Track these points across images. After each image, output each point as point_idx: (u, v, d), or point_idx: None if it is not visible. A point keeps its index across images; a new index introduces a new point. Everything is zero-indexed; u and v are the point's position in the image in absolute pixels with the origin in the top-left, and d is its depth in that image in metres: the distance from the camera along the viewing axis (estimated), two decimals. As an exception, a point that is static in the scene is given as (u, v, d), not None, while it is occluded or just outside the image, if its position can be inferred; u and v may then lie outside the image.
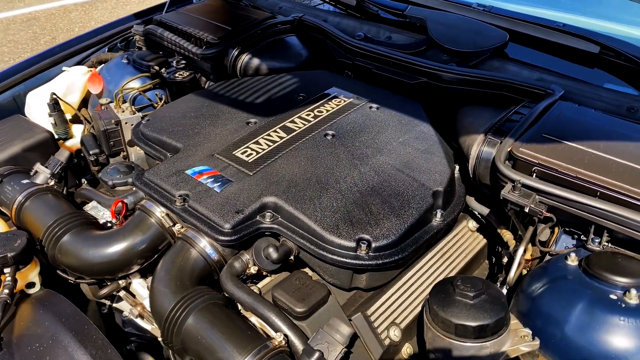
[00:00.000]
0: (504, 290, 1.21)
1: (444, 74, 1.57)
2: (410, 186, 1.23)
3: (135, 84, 1.83)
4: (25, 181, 1.40)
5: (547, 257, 1.22)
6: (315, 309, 1.09)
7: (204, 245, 1.17)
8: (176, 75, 1.85)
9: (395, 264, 1.12)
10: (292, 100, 1.57)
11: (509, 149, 1.23)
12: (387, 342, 1.15)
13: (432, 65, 1.59)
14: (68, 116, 1.82)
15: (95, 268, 1.23)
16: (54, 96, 1.74)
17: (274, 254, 1.14)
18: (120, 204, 1.31)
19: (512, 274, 1.16)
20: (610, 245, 1.15)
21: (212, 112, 1.51)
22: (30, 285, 1.18)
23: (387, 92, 1.61)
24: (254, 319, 1.10)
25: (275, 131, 1.41)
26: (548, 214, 1.15)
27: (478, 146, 1.30)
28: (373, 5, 1.88)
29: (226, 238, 1.12)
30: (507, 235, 1.31)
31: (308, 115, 1.48)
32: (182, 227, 1.23)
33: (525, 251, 1.25)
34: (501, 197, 1.18)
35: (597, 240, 1.15)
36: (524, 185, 1.17)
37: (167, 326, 1.06)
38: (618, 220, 1.09)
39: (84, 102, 1.94)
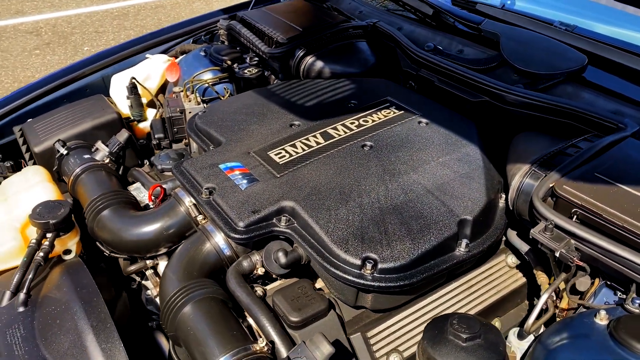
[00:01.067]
0: (530, 338, 1.11)
1: (507, 94, 1.46)
2: (435, 210, 1.16)
3: (206, 76, 1.92)
4: (86, 156, 1.53)
5: (581, 310, 1.09)
6: (311, 321, 1.07)
7: (219, 239, 1.20)
8: (245, 71, 1.91)
9: (400, 289, 1.07)
10: (342, 106, 1.55)
11: (551, 185, 1.11)
12: (383, 367, 1.11)
13: (495, 85, 1.49)
14: (145, 100, 1.96)
15: (126, 245, 1.31)
16: (133, 80, 1.88)
17: (282, 259, 1.14)
18: (158, 188, 1.38)
19: (531, 320, 1.05)
20: (653, 308, 1.00)
21: (261, 110, 1.54)
22: (67, 252, 1.28)
23: (442, 108, 1.53)
24: (252, 320, 1.11)
25: (314, 136, 1.40)
26: (581, 263, 1.03)
27: (520, 177, 1.19)
28: (449, 16, 1.79)
29: (237, 236, 1.13)
30: (541, 278, 1.19)
31: (352, 123, 1.45)
32: (204, 218, 1.27)
33: (560, 299, 1.14)
34: (530, 236, 1.07)
35: (637, 301, 1.00)
36: (558, 227, 1.05)
37: (165, 311, 1.10)
38: (664, 283, 0.94)
39: (162, 89, 2.07)
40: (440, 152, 1.34)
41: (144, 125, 1.93)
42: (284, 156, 1.33)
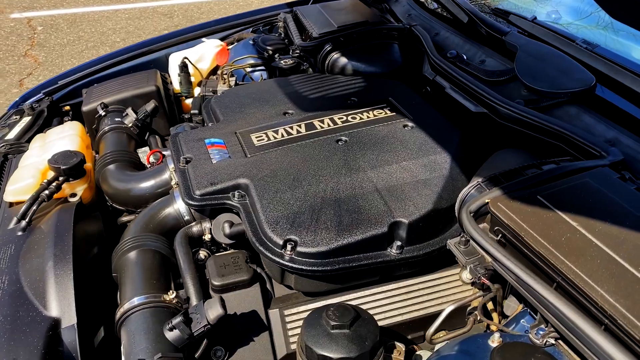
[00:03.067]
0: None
1: (501, 108, 1.41)
2: (374, 208, 1.19)
3: (247, 63, 2.07)
4: (117, 119, 1.76)
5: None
6: (231, 288, 1.17)
7: (180, 204, 1.34)
8: (281, 62, 2.03)
9: (313, 274, 1.12)
10: (341, 102, 1.60)
11: (487, 200, 1.08)
12: (293, 347, 1.16)
13: (493, 97, 1.44)
14: (194, 79, 2.17)
15: (119, 197, 1.51)
16: (185, 60, 2.10)
17: (227, 229, 1.25)
18: (157, 153, 1.56)
19: (431, 330, 1.04)
20: (556, 341, 0.94)
21: (266, 97, 1.65)
22: (73, 195, 1.51)
23: (436, 115, 1.52)
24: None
25: (299, 125, 1.48)
26: (487, 282, 0.99)
27: (468, 189, 1.17)
28: (482, 25, 1.74)
29: (191, 202, 1.26)
30: (468, 292, 1.16)
31: (340, 118, 1.50)
32: (177, 184, 1.42)
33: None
34: (447, 246, 1.06)
35: (541, 332, 0.95)
36: (475, 241, 1.02)
37: (114, 255, 1.26)
38: (565, 323, 0.88)
39: (214, 71, 2.27)
40: (409, 155, 1.34)
41: (190, 101, 2.14)
42: (262, 139, 1.43)
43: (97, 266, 1.34)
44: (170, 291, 1.12)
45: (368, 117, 1.50)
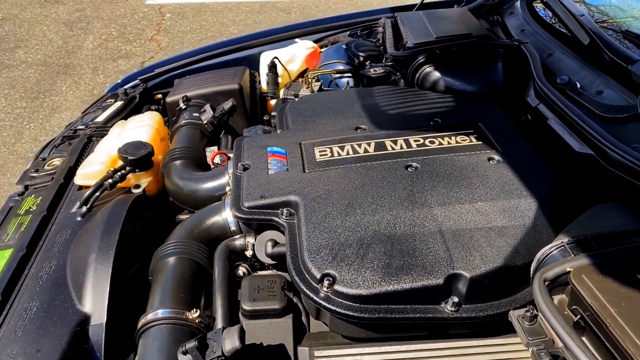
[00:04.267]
0: None
1: (612, 153, 1.16)
2: (432, 254, 1.02)
3: (336, 68, 1.97)
4: (195, 114, 1.74)
5: None
6: (262, 316, 1.07)
7: (229, 213, 1.26)
8: (370, 70, 1.90)
9: (347, 319, 0.98)
10: (421, 122, 1.44)
11: (569, 269, 0.87)
12: (317, 393, 1.04)
13: (604, 138, 1.19)
14: (281, 80, 2.11)
15: (178, 195, 1.48)
16: (274, 60, 2.05)
17: (268, 248, 1.16)
18: (222, 155, 1.51)
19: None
20: None
21: (341, 108, 1.53)
22: (137, 186, 1.51)
23: (532, 152, 1.29)
24: (220, 294, 1.16)
25: (368, 143, 1.34)
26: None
27: (549, 248, 0.96)
28: (605, 50, 1.47)
29: (238, 213, 1.18)
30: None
31: (416, 141, 1.34)
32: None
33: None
34: (508, 318, 0.87)
35: None
36: (546, 319, 0.82)
37: (154, 256, 1.22)
38: None
39: (302, 74, 2.19)
40: (487, 195, 1.15)
41: (274, 102, 2.08)
42: (325, 154, 1.31)
43: (141, 264, 1.31)
44: (194, 309, 1.05)
45: (449, 142, 1.33)
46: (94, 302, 1.13)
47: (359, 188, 1.19)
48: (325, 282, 0.99)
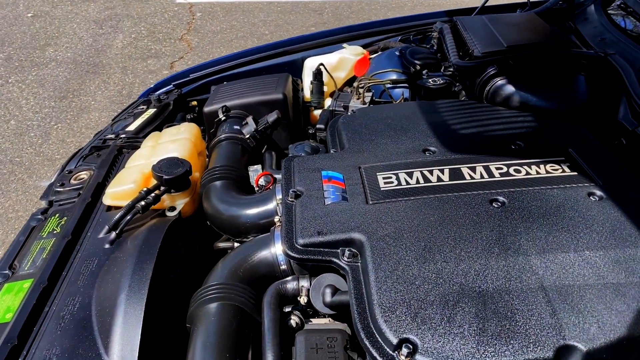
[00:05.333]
0: None
1: None
2: (535, 317, 0.82)
3: (389, 77, 1.78)
4: (236, 127, 1.57)
5: None
6: (320, 382, 0.89)
7: (279, 248, 1.09)
8: (429, 80, 1.70)
9: (433, 399, 0.79)
10: (501, 145, 1.24)
11: None
12: None
13: None
14: (327, 89, 1.93)
15: (217, 220, 1.31)
16: (320, 67, 1.87)
17: (327, 297, 0.98)
18: (268, 176, 1.33)
19: None
20: None
21: (404, 125, 1.34)
22: (172, 209, 1.34)
23: (638, 186, 1.09)
24: (270, 348, 0.98)
25: (441, 170, 1.15)
26: None
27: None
28: None
29: (290, 252, 1.00)
30: None
31: (499, 169, 1.14)
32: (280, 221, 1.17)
33: None
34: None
35: None
36: None
37: (192, 301, 1.05)
38: None
39: (350, 82, 2.01)
40: (595, 242, 0.94)
41: (319, 113, 1.90)
42: (391, 182, 1.12)
43: (180, 297, 1.14)
44: (243, 376, 0.88)
45: (538, 172, 1.13)
46: (123, 353, 0.97)
47: (435, 227, 1.00)
48: (404, 350, 0.80)
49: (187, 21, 5.89)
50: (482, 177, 1.12)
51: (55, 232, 1.31)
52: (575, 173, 1.12)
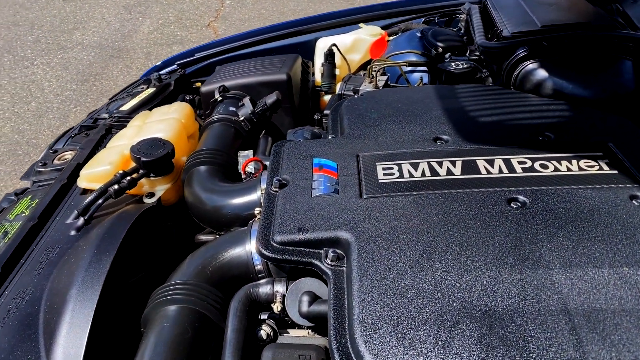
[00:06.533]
0: None
1: None
2: (554, 349, 0.65)
3: (408, 59, 1.60)
4: (232, 108, 1.43)
5: None
6: (286, 409, 0.73)
7: (254, 245, 0.93)
8: (451, 64, 1.52)
9: None
10: (527, 136, 1.05)
11: None
12: None
13: None
14: (339, 72, 1.76)
15: (197, 210, 1.16)
16: (332, 47, 1.70)
17: (304, 306, 0.82)
18: (257, 163, 1.18)
19: None
20: None
21: (416, 110, 1.17)
22: (150, 195, 1.20)
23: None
24: None
25: (452, 162, 0.97)
26: None
27: None
28: None
29: (264, 251, 0.85)
30: None
31: (522, 163, 0.96)
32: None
33: None
34: None
35: None
36: None
37: (149, 301, 0.90)
38: None
39: (365, 65, 1.84)
40: (638, 257, 0.76)
41: (328, 98, 1.74)
42: (392, 174, 0.96)
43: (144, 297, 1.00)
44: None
45: (569, 168, 0.94)
46: (66, 359, 0.83)
47: (439, 229, 0.82)
48: (384, 380, 0.64)
49: (216, 8, 5.79)
50: (500, 171, 0.94)
51: (23, 214, 1.19)
52: (616, 171, 0.93)
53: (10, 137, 3.53)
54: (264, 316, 0.90)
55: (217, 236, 1.17)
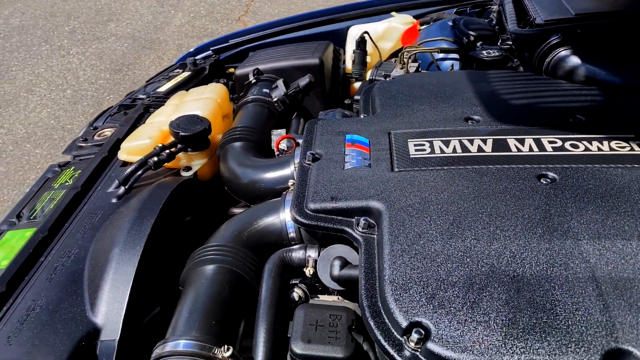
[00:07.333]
0: None
1: None
2: (581, 313, 0.67)
3: (440, 46, 1.62)
4: (265, 90, 1.47)
5: None
6: (316, 363, 0.77)
7: (288, 214, 0.97)
8: (483, 51, 1.53)
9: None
10: (558, 118, 1.06)
11: None
12: None
13: None
14: (370, 59, 1.79)
15: (232, 183, 1.21)
16: (364, 35, 1.73)
17: (335, 269, 0.85)
18: (290, 140, 1.22)
19: None
20: None
21: (447, 92, 1.19)
22: (187, 169, 1.25)
23: None
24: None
25: (483, 140, 0.99)
26: None
27: None
28: None
29: (299, 218, 0.88)
30: None
31: (552, 142, 0.97)
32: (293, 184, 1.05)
33: None
34: None
35: None
36: None
37: (188, 261, 0.95)
38: None
39: (395, 54, 1.86)
40: (667, 231, 0.77)
41: (359, 85, 1.77)
42: (423, 150, 0.98)
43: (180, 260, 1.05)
44: (226, 347, 0.76)
45: (600, 149, 0.95)
46: (109, 312, 0.88)
47: (469, 200, 0.85)
48: (414, 336, 0.67)
49: (246, 3, 5.86)
50: (531, 150, 0.96)
51: (67, 184, 1.25)
52: (649, 153, 0.93)
53: (46, 122, 3.65)
54: (295, 281, 0.93)
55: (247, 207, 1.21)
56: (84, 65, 4.45)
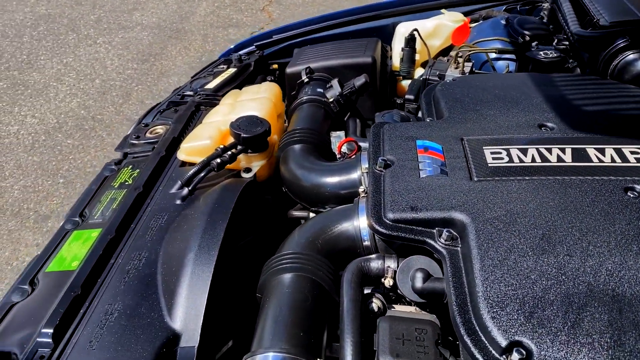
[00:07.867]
0: None
1: None
2: (690, 337, 0.65)
3: (493, 47, 1.59)
4: (319, 90, 1.45)
5: None
6: (404, 379, 0.76)
7: (363, 222, 0.96)
8: (540, 52, 1.50)
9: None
10: (633, 126, 1.04)
11: None
12: None
13: None
14: (418, 57, 1.76)
15: (294, 186, 1.20)
16: (414, 33, 1.70)
17: (418, 282, 0.84)
18: (352, 143, 1.20)
19: None
20: None
21: (515, 97, 1.17)
22: (247, 170, 1.25)
23: None
24: (347, 332, 0.86)
25: (562, 150, 0.97)
26: None
27: None
28: None
29: (378, 227, 0.87)
30: None
31: (634, 153, 0.95)
32: (365, 191, 1.04)
33: None
34: None
35: None
36: None
37: (264, 269, 0.95)
38: None
39: (445, 51, 1.83)
40: None
41: (407, 83, 1.75)
42: (501, 158, 0.96)
43: (250, 264, 1.05)
44: (317, 360, 0.76)
45: (686, 161, 0.93)
46: (187, 317, 0.88)
47: (556, 214, 0.83)
48: (516, 355, 0.66)
49: (270, -8, 5.83)
50: (612, 160, 0.94)
51: (127, 183, 1.26)
52: None
53: (77, 112, 3.67)
54: (367, 291, 0.93)
55: (311, 213, 1.21)
56: (111, 54, 4.47)
